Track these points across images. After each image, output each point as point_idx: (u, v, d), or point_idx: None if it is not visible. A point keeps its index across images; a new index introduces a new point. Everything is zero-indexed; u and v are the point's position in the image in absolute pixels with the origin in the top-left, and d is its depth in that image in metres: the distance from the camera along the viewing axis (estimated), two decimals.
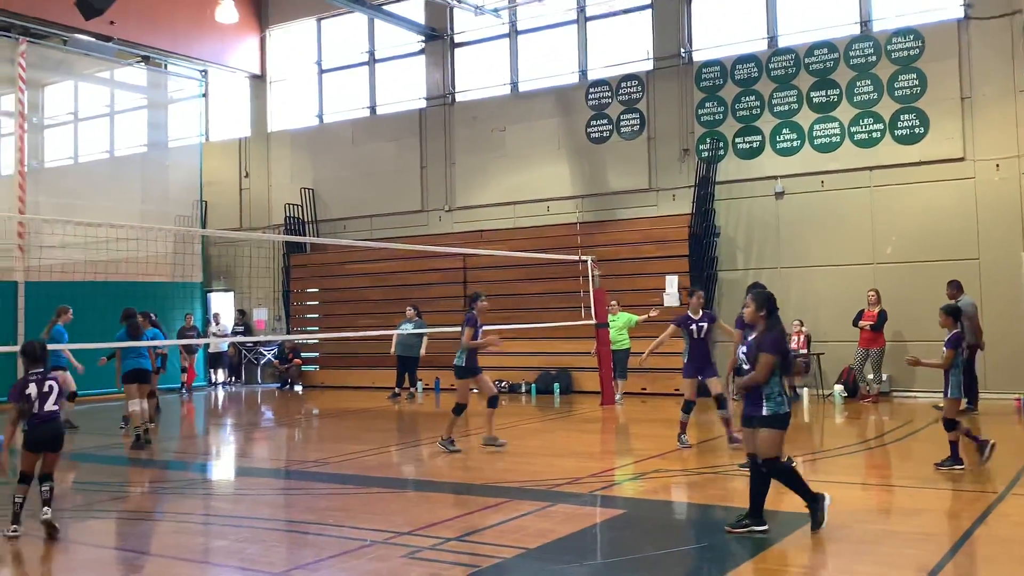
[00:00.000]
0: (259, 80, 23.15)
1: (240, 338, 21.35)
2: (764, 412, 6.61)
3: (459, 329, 10.79)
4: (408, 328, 17.06)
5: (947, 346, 9.03)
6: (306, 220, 21.71)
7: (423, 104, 20.70)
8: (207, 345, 21.23)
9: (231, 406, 18.01)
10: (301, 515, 7.84)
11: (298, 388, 20.35)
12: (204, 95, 24.10)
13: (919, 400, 14.78)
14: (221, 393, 20.43)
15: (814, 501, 6.59)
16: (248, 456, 11.95)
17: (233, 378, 22.32)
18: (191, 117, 23.94)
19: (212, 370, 22.12)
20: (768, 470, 6.62)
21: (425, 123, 20.58)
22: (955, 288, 13.07)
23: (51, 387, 7.09)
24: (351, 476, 9.53)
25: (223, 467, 11.17)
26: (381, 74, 21.65)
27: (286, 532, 7.31)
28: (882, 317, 14.62)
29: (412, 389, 17.61)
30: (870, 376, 14.81)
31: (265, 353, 21.94)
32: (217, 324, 21.69)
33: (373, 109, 21.63)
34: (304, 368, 21.06)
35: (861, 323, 14.74)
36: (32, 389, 6.97)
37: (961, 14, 15.28)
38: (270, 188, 22.77)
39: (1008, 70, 14.81)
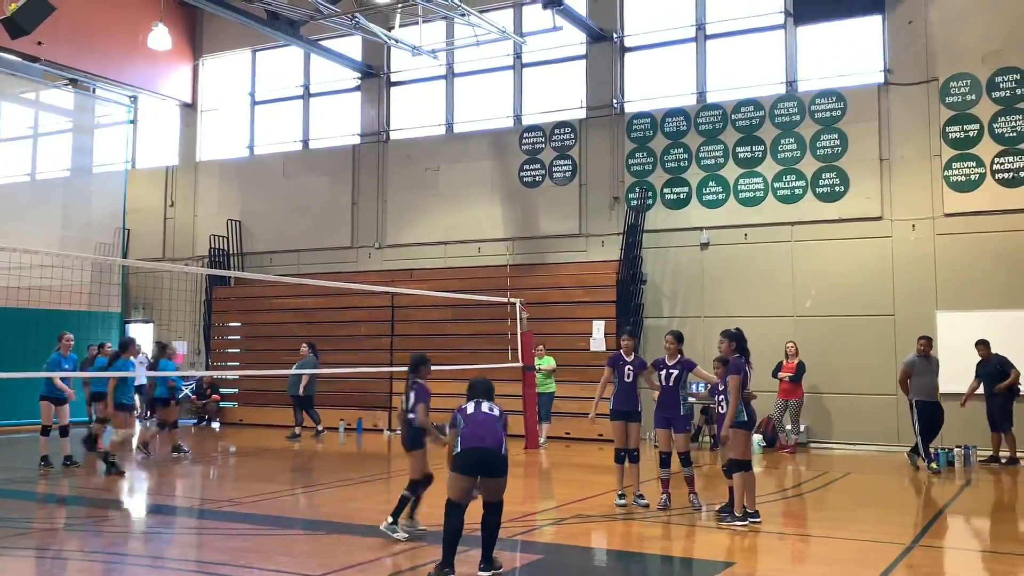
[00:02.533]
0: (190, 108, 22.86)
1: (166, 373, 20.67)
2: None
3: (408, 397, 8.57)
4: (305, 367, 16.82)
5: (729, 373, 8.89)
6: (231, 252, 21.37)
7: (357, 140, 20.66)
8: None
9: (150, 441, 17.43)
10: (212, 555, 7.61)
11: (216, 425, 19.86)
12: (132, 121, 23.70)
13: (835, 451, 15.10)
14: (136, 427, 19.78)
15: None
16: (160, 493, 11.58)
17: (149, 412, 21.65)
18: (118, 143, 23.47)
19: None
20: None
21: (358, 159, 20.53)
22: (926, 343, 13.23)
23: None
24: (266, 516, 9.30)
25: (133, 504, 10.80)
26: (315, 108, 21.57)
27: (195, 573, 7.08)
28: (800, 369, 14.96)
29: (310, 428, 17.01)
30: (788, 427, 15.10)
31: (183, 387, 21.36)
32: (136, 356, 21.04)
33: (306, 143, 21.50)
34: (223, 404, 20.57)
35: (780, 374, 15.06)
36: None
37: (882, 79, 15.91)
38: (196, 218, 22.38)
39: (925, 134, 15.43)
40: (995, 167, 14.88)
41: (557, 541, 8.35)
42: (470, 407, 7.20)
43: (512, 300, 16.20)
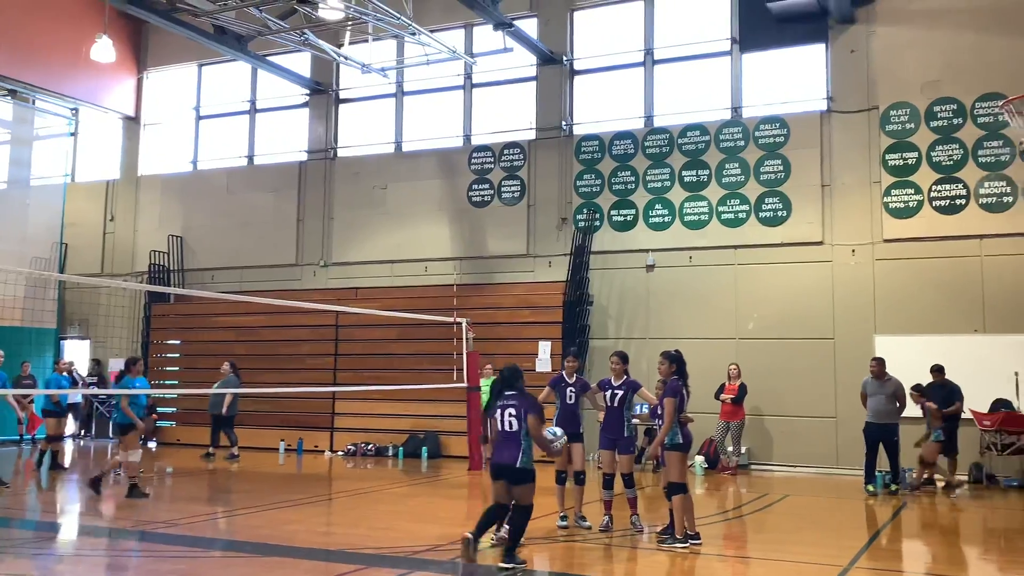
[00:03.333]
0: (133, 122, 22.48)
1: (99, 390, 20.25)
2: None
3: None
4: (227, 386, 16.53)
5: (665, 395, 8.83)
6: (172, 268, 20.99)
7: (304, 157, 20.48)
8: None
9: (79, 460, 16.99)
10: None
11: (152, 445, 19.39)
12: (73, 134, 23.24)
13: (776, 473, 15.24)
14: (70, 446, 19.27)
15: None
16: (92, 514, 11.24)
17: (83, 431, 21.13)
18: (57, 156, 22.97)
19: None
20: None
21: (305, 176, 20.34)
22: (877, 365, 13.33)
23: None
24: (201, 539, 9.09)
25: (64, 526, 10.46)
26: (262, 124, 21.34)
27: None
28: (742, 391, 15.10)
29: (230, 450, 16.68)
30: (730, 448, 15.21)
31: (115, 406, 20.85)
32: (71, 373, 20.51)
33: (251, 159, 21.25)
34: (160, 424, 20.11)
35: (722, 396, 15.19)
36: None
37: (824, 107, 16.23)
38: (136, 233, 21.96)
39: (865, 161, 15.77)
40: (932, 194, 15.24)
41: (498, 563, 8.26)
42: (497, 415, 8.11)
43: (458, 320, 16.13)
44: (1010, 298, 14.59)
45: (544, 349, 17.07)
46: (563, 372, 10.08)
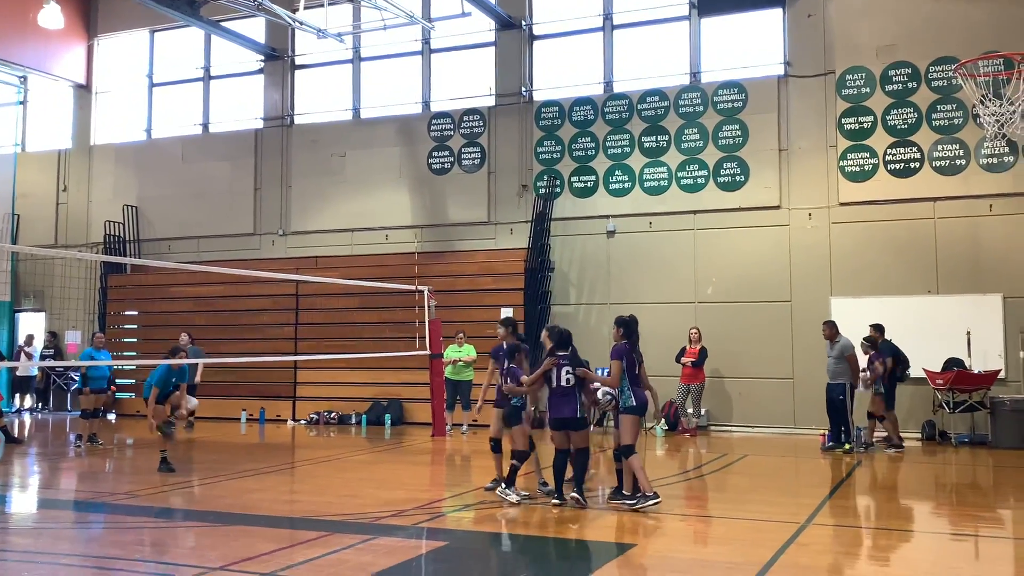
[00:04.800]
0: (84, 90, 22.00)
1: (60, 363, 19.99)
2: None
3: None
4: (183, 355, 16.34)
5: (612, 357, 8.94)
6: (128, 239, 20.68)
7: (260, 124, 20.21)
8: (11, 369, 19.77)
9: (37, 433, 16.80)
10: (105, 550, 7.37)
11: (111, 416, 19.20)
12: (22, 103, 22.69)
13: (735, 434, 15.50)
14: (27, 419, 19.04)
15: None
16: (52, 487, 11.15)
17: (40, 404, 20.87)
18: (6, 125, 22.44)
19: (18, 395, 20.61)
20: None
21: (261, 144, 20.08)
22: (829, 328, 13.61)
23: None
24: (163, 509, 9.05)
25: (22, 498, 10.36)
26: (216, 91, 21.00)
27: (89, 568, 6.83)
28: (702, 354, 15.29)
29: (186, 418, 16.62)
30: (690, 411, 15.43)
31: (76, 378, 20.59)
32: (30, 345, 20.23)
33: (206, 127, 20.92)
34: (119, 396, 19.88)
35: (683, 359, 15.37)
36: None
37: (781, 72, 16.33)
38: (90, 204, 21.58)
39: (822, 126, 15.92)
40: (887, 158, 15.44)
41: (461, 527, 8.35)
42: (553, 377, 8.86)
43: (420, 288, 16.10)
44: (962, 259, 14.89)
45: (505, 315, 17.08)
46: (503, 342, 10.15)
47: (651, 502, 8.49)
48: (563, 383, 8.82)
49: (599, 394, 8.90)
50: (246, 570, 6.39)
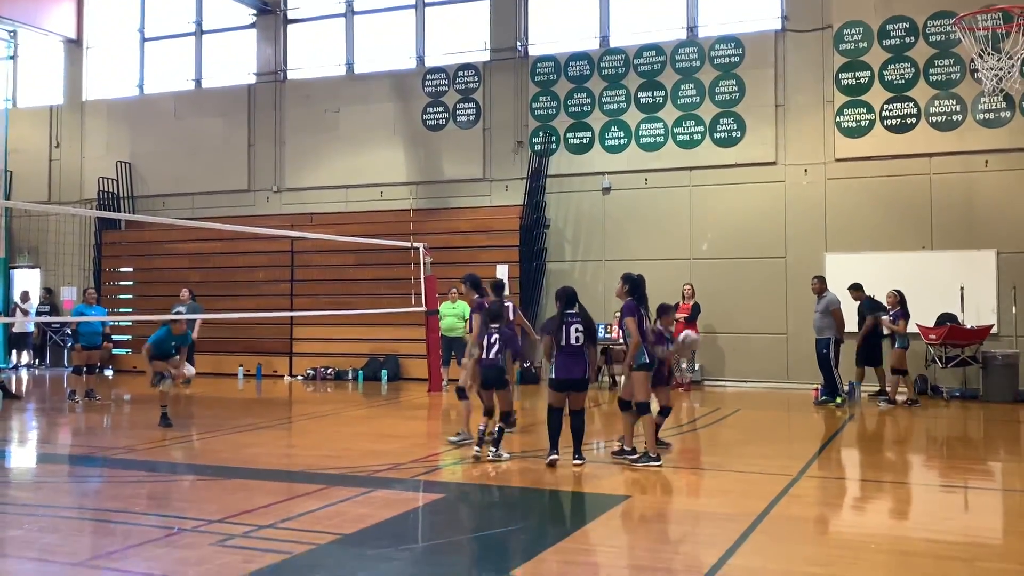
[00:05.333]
0: (75, 45, 21.75)
1: (49, 318, 20.00)
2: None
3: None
4: (181, 311, 16.36)
5: (625, 314, 9.00)
6: (122, 195, 20.60)
7: (253, 80, 20.03)
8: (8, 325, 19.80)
9: (35, 390, 16.87)
10: (105, 503, 7.45)
11: (108, 372, 19.28)
12: (13, 57, 22.45)
13: (728, 388, 15.62)
14: (24, 376, 19.11)
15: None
16: (51, 442, 11.23)
17: (38, 360, 20.94)
18: None
19: (15, 351, 20.67)
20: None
21: (254, 100, 19.93)
22: (818, 283, 13.71)
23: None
24: (162, 463, 9.14)
25: (22, 453, 10.44)
26: (209, 46, 20.79)
27: (88, 521, 6.91)
28: (696, 310, 15.35)
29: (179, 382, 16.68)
30: (684, 365, 15.53)
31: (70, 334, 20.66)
32: (26, 302, 20.25)
33: (199, 82, 20.74)
34: (116, 352, 19.96)
35: (676, 315, 15.40)
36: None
37: (779, 26, 16.19)
38: (83, 160, 21.46)
39: (819, 81, 15.83)
40: (884, 113, 15.38)
41: (458, 480, 8.44)
42: (562, 336, 8.55)
43: (415, 245, 16.09)
44: (957, 215, 14.91)
45: (502, 272, 17.11)
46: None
47: (653, 463, 8.57)
48: (573, 342, 8.52)
49: (683, 338, 9.12)
50: (245, 522, 6.48)
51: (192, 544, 5.98)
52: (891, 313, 13.54)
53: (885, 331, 13.67)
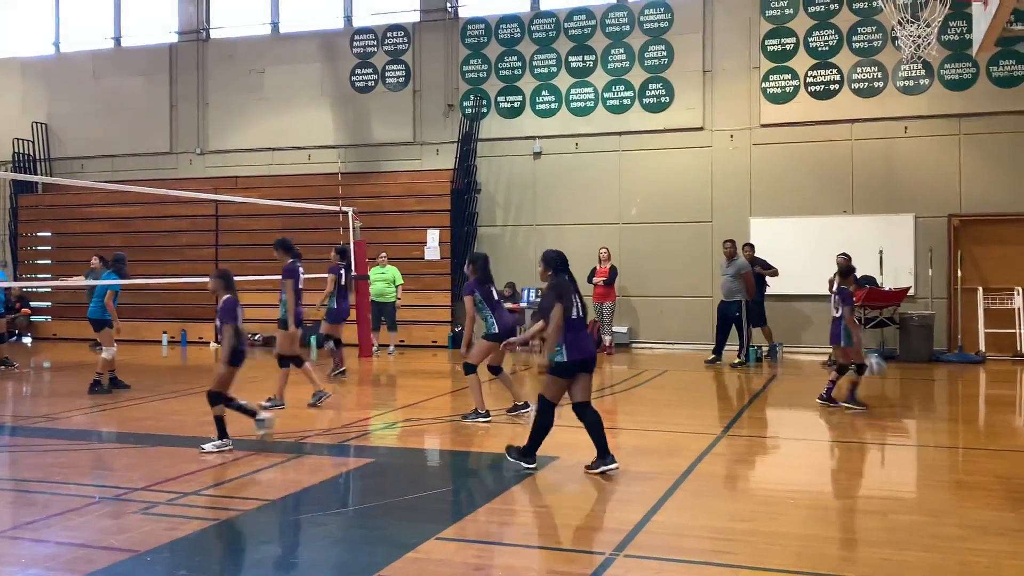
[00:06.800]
0: None
1: None
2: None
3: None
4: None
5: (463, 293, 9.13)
6: (38, 157, 19.89)
7: (175, 38, 19.46)
8: None
9: None
10: (24, 473, 7.28)
11: (27, 340, 18.73)
12: None
13: (656, 351, 15.87)
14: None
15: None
16: None
17: None
18: None
19: None
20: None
21: (176, 59, 19.37)
22: (731, 246, 14.10)
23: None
24: (83, 432, 8.95)
25: None
26: (128, 2, 20.09)
27: (7, 491, 6.74)
28: (613, 273, 15.50)
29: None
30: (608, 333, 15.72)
31: None
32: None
33: (118, 40, 20.07)
34: (34, 319, 19.38)
35: (594, 280, 15.54)
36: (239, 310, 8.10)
37: None
38: None
39: (745, 47, 16.01)
40: (808, 80, 15.65)
41: (388, 444, 8.44)
42: (573, 311, 6.82)
43: (344, 209, 15.90)
44: (877, 180, 15.29)
45: (432, 237, 17.07)
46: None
47: (482, 419, 8.88)
48: (581, 313, 6.95)
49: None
50: (169, 489, 6.39)
51: (115, 512, 5.88)
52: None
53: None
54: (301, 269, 10.66)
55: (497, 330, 9.08)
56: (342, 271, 12.80)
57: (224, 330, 7.86)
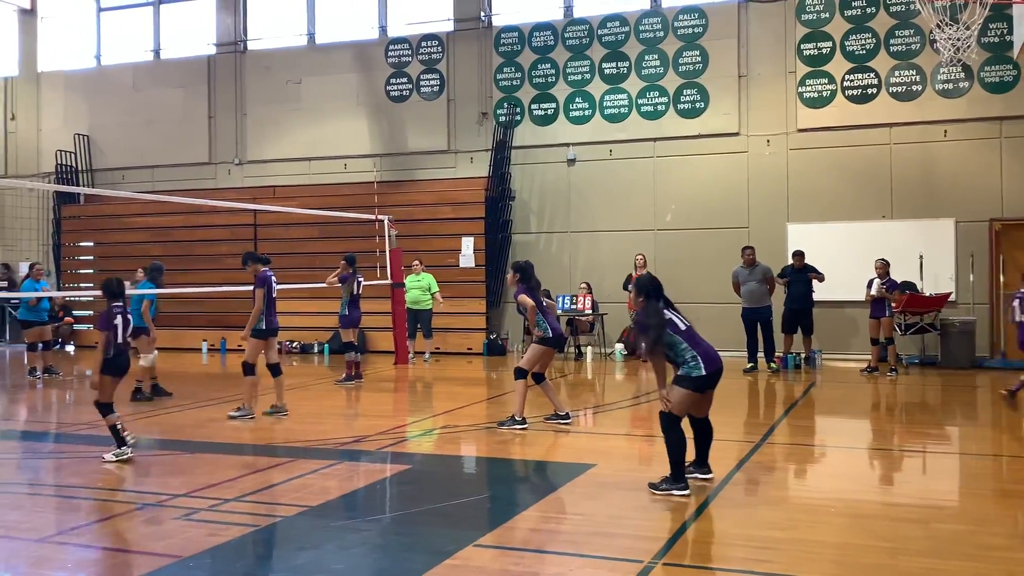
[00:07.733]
0: (29, 15, 21.27)
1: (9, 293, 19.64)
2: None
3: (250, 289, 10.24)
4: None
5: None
6: (80, 168, 20.25)
7: (213, 50, 19.73)
8: None
9: None
10: (68, 479, 7.39)
11: (70, 348, 19.06)
12: None
13: None
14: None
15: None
16: (11, 419, 11.09)
17: None
18: None
19: None
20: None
21: (214, 71, 19.63)
22: (751, 253, 14.06)
23: (128, 320, 7.94)
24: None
25: None
26: (167, 16, 20.41)
27: (51, 497, 6.86)
28: None
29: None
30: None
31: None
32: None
33: (157, 53, 20.38)
34: (77, 327, 19.72)
35: (630, 287, 15.47)
36: (118, 320, 7.74)
37: None
38: (40, 133, 21.06)
39: (781, 52, 15.89)
40: (845, 84, 15.50)
41: (425, 451, 8.47)
42: (680, 322, 6.84)
43: (380, 217, 16.01)
44: (916, 185, 15.10)
45: (467, 245, 17.12)
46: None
47: (518, 426, 8.89)
48: (687, 321, 7.08)
49: None
50: (209, 496, 6.46)
51: (156, 519, 5.96)
52: (885, 282, 13.66)
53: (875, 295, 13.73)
54: (274, 278, 10.93)
55: (551, 335, 9.06)
56: (357, 279, 13.16)
57: (100, 339, 7.83)
